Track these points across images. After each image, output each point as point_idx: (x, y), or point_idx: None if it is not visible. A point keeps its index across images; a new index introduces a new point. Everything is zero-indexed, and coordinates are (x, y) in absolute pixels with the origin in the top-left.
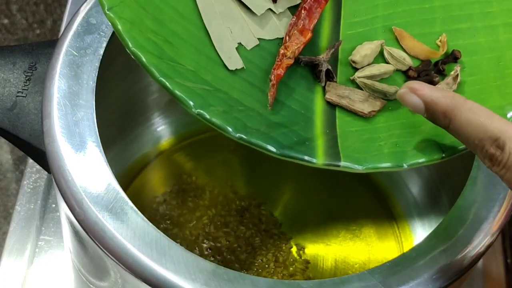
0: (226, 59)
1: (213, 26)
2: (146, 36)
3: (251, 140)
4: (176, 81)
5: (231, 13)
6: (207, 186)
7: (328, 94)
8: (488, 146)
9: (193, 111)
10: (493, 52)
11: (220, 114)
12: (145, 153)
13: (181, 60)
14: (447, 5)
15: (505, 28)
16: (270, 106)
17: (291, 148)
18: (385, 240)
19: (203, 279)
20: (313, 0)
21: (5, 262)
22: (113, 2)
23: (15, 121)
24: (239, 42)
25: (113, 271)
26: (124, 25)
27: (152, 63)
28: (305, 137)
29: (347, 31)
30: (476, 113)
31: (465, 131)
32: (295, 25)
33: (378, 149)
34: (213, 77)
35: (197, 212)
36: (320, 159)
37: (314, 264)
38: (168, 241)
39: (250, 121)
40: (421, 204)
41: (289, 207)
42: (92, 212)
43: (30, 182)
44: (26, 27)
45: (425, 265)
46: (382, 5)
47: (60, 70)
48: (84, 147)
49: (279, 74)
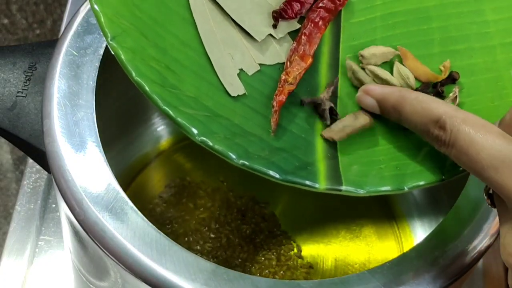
0: (228, 85)
1: (214, 53)
2: (148, 64)
3: (253, 166)
4: (179, 109)
5: (232, 39)
6: (207, 186)
7: (334, 136)
8: (432, 128)
9: (197, 138)
10: (491, 72)
11: (222, 141)
12: (145, 153)
13: (182, 87)
14: (444, 26)
15: (502, 48)
16: (273, 132)
17: (293, 173)
18: (385, 240)
19: (203, 279)
20: (313, 25)
21: (5, 262)
22: (115, 31)
23: (15, 121)
24: (241, 68)
25: (113, 271)
26: (127, 54)
27: (155, 92)
28: (307, 161)
29: (346, 54)
30: (421, 101)
31: (412, 119)
32: (296, 51)
33: (379, 173)
34: (215, 103)
35: (197, 212)
36: (322, 184)
37: (314, 264)
38: (168, 241)
39: (251, 146)
40: (421, 204)
41: (289, 207)
42: (92, 212)
43: (30, 182)
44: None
45: (425, 265)
46: (381, 28)
47: (60, 70)
48: (84, 147)
49: (281, 100)
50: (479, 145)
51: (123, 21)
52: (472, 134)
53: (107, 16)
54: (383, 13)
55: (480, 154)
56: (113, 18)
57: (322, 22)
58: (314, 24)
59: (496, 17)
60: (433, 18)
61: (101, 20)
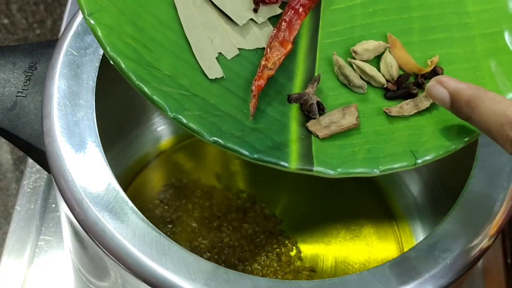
0: (206, 68)
1: (193, 36)
2: (124, 41)
3: (226, 144)
4: (153, 85)
5: (212, 23)
6: (207, 186)
7: (318, 132)
8: (509, 130)
9: (169, 114)
10: (470, 62)
11: (195, 118)
12: (145, 153)
13: (159, 65)
14: (425, 15)
15: (482, 39)
16: (251, 116)
17: (264, 152)
18: (385, 240)
19: (203, 279)
20: (293, 12)
21: (5, 262)
22: (93, 8)
23: (15, 121)
24: (220, 52)
25: (113, 271)
26: (104, 30)
27: (129, 68)
28: (280, 142)
29: (324, 39)
30: (498, 102)
31: (487, 118)
32: (276, 37)
33: (352, 155)
34: (191, 83)
35: (197, 212)
36: (293, 164)
37: (314, 264)
38: (168, 241)
39: (225, 126)
40: (421, 204)
41: (289, 207)
42: (92, 212)
43: (30, 182)
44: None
45: (425, 265)
46: (360, 15)
47: (60, 70)
48: (84, 147)
49: (260, 85)
50: None
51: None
52: None
53: None
54: (363, 1)
55: None
56: None
57: (303, 9)
58: (294, 11)
59: (477, 8)
60: (413, 7)
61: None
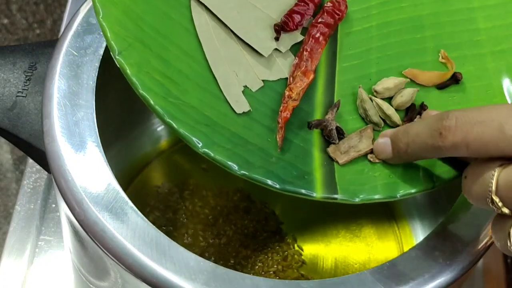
0: (233, 102)
1: (219, 70)
2: (152, 77)
3: (253, 176)
4: (182, 121)
5: (236, 57)
6: (207, 186)
7: (338, 159)
8: (435, 125)
9: (200, 150)
10: (481, 80)
11: (223, 152)
12: (145, 153)
13: (185, 98)
14: (437, 34)
15: (492, 56)
16: (279, 148)
17: (291, 183)
18: (385, 240)
19: (203, 279)
20: (314, 41)
21: (5, 262)
22: (122, 46)
23: (15, 121)
24: (245, 85)
25: (113, 271)
26: (132, 69)
27: (159, 105)
28: (304, 170)
29: (342, 63)
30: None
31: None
32: (298, 67)
33: (373, 181)
34: (217, 113)
35: (197, 212)
36: (319, 193)
37: (314, 264)
38: (168, 241)
39: (251, 156)
40: (421, 204)
41: (289, 207)
42: (92, 212)
43: (30, 182)
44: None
45: (425, 265)
46: (376, 37)
47: (60, 70)
48: (84, 147)
49: (286, 117)
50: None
51: (128, 34)
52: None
53: (113, 30)
54: (378, 23)
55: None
56: (118, 32)
57: (323, 37)
58: (315, 40)
59: (488, 25)
60: (426, 26)
61: (108, 35)
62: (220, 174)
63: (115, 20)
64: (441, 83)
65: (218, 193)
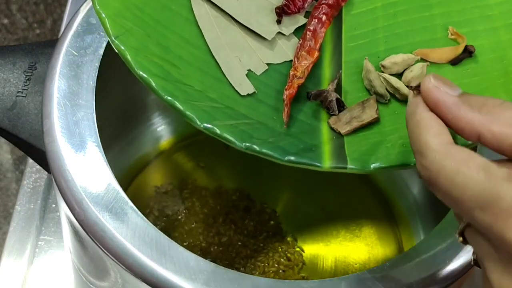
0: (238, 85)
1: (221, 56)
2: (151, 60)
3: (259, 149)
4: (183, 99)
5: (238, 42)
6: (207, 186)
7: (340, 129)
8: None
9: (199, 125)
10: (496, 52)
11: (226, 127)
12: (145, 153)
13: (187, 81)
14: (446, 12)
15: (506, 29)
16: (285, 125)
17: (297, 154)
18: (385, 240)
19: (203, 279)
20: (317, 21)
21: (5, 262)
22: (118, 31)
23: (15, 121)
24: (249, 68)
25: (113, 271)
26: (130, 52)
27: (159, 85)
28: (312, 144)
29: (348, 43)
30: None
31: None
32: (302, 47)
33: (385, 150)
34: (219, 95)
35: (197, 212)
36: (327, 163)
37: (314, 264)
38: (168, 241)
39: (256, 133)
40: (422, 204)
41: (289, 207)
42: (92, 212)
43: (30, 182)
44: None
45: (425, 265)
46: (382, 17)
47: (60, 70)
48: (84, 147)
49: (291, 94)
50: (461, 186)
51: (126, 22)
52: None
53: (110, 17)
54: (384, 3)
55: (465, 195)
56: (116, 19)
57: (326, 18)
58: (318, 19)
59: (498, 1)
60: (434, 5)
61: (104, 20)
62: (220, 174)
63: (112, 9)
64: (454, 59)
65: (218, 193)
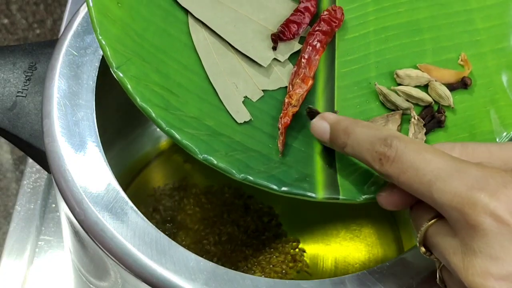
0: (234, 113)
1: (219, 83)
2: (152, 89)
3: (254, 180)
4: (182, 130)
5: (235, 69)
6: (207, 186)
7: None
8: (377, 146)
9: (199, 157)
10: (482, 78)
11: (224, 158)
12: (145, 153)
13: (185, 109)
14: (436, 37)
15: (493, 54)
16: (281, 153)
17: (291, 185)
18: (385, 240)
19: (203, 279)
20: (311, 48)
21: (5, 262)
22: (120, 61)
23: (15, 121)
24: (245, 95)
25: (113, 271)
26: (131, 82)
27: (159, 116)
28: (306, 173)
29: (341, 69)
30: (371, 127)
31: (360, 139)
32: (297, 74)
33: (376, 180)
34: (216, 123)
35: (197, 212)
36: (320, 194)
37: (314, 264)
38: (168, 241)
39: (252, 161)
40: None
41: (289, 207)
42: (92, 212)
43: (30, 182)
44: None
45: (425, 265)
46: (374, 42)
47: (60, 70)
48: (84, 147)
49: (286, 122)
50: (428, 157)
51: (127, 50)
52: (420, 149)
53: (111, 46)
54: (375, 28)
55: (429, 166)
56: (117, 48)
57: (320, 45)
58: (312, 47)
59: (487, 25)
60: (424, 30)
61: (106, 51)
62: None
63: (113, 37)
64: (452, 83)
65: (218, 193)
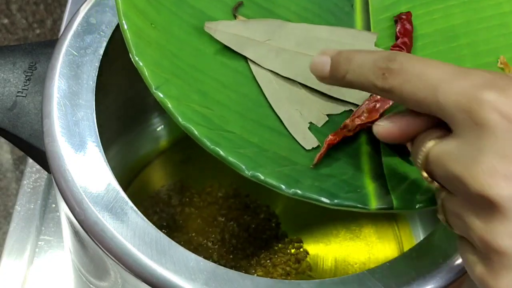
0: (301, 139)
1: (282, 111)
2: (193, 109)
3: (305, 194)
4: (227, 147)
5: (297, 96)
6: (207, 186)
7: None
8: (380, 63)
9: (247, 173)
10: None
11: (272, 174)
12: (145, 153)
13: (228, 127)
14: (473, 42)
15: None
16: (313, 165)
17: (343, 197)
18: (385, 240)
19: (203, 279)
20: None
21: (5, 262)
22: (158, 81)
23: (15, 121)
24: (310, 121)
25: (113, 271)
26: (172, 102)
27: (202, 134)
28: (356, 184)
29: None
30: (372, 51)
31: (362, 61)
32: (369, 102)
33: (429, 189)
34: (260, 139)
35: (197, 212)
36: (373, 204)
37: (314, 264)
38: (168, 241)
39: (300, 176)
40: None
41: (289, 207)
42: (92, 212)
43: (30, 182)
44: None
45: (425, 265)
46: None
47: (60, 70)
48: (84, 147)
49: (332, 141)
50: (433, 63)
51: (164, 71)
52: (425, 59)
53: (149, 68)
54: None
55: (435, 71)
56: (154, 69)
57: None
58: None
59: None
60: (460, 35)
61: (144, 72)
62: (221, 174)
63: (149, 58)
64: None
65: (218, 193)
